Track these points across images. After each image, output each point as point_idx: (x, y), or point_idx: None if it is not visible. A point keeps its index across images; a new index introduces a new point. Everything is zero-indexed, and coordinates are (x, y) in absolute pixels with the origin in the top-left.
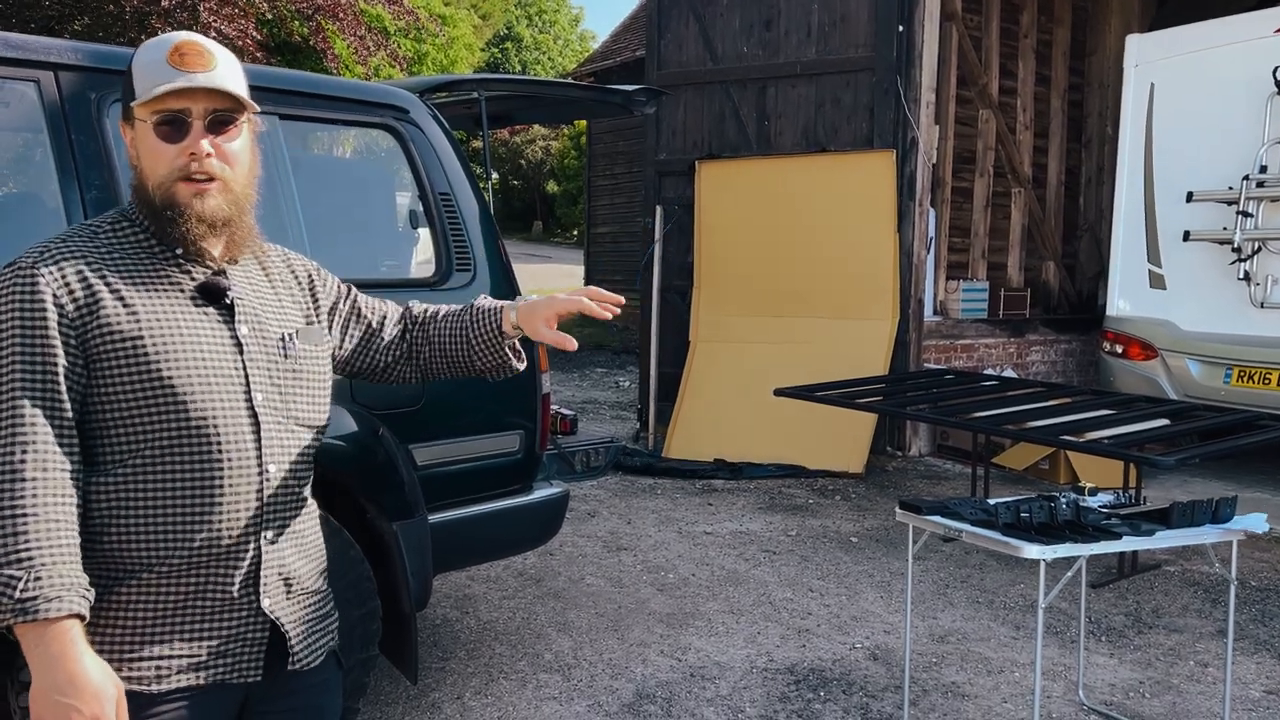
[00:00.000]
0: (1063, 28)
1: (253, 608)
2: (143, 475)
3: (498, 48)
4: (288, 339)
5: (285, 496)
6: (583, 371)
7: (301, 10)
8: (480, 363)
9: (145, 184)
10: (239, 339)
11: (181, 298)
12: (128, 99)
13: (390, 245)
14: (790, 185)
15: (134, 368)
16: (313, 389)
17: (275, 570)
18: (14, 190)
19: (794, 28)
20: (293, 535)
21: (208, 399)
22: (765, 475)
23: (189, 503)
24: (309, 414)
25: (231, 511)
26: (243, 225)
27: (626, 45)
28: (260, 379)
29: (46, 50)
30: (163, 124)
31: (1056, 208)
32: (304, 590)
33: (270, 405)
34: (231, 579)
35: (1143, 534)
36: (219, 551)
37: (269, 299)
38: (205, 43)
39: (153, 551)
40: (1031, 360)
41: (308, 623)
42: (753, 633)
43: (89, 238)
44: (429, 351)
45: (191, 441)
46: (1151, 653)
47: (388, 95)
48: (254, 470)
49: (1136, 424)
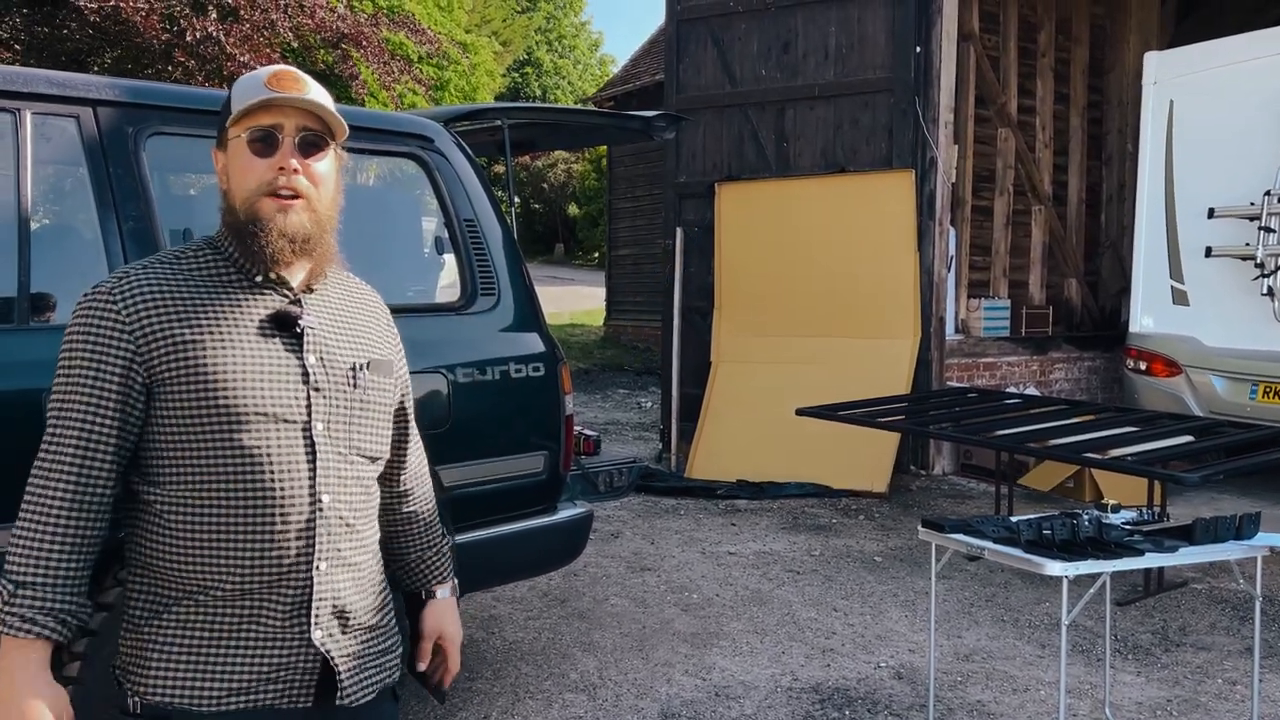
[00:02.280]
0: (1081, 46)
1: (304, 639)
2: (198, 499)
3: (518, 73)
4: (358, 369)
5: (340, 528)
6: (604, 393)
7: (327, 39)
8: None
9: (233, 202)
10: (306, 368)
11: (251, 325)
12: (223, 121)
13: (416, 271)
14: (810, 206)
15: (194, 393)
16: (377, 420)
17: (328, 602)
18: (55, 222)
19: (812, 50)
20: (349, 568)
21: (263, 427)
22: (788, 495)
23: (241, 530)
24: (371, 445)
25: (282, 540)
26: (324, 246)
27: (645, 69)
28: (324, 409)
29: (86, 87)
30: (255, 140)
31: (1078, 225)
32: (360, 625)
33: (332, 435)
34: (282, 608)
35: (1166, 550)
36: (269, 579)
37: (345, 327)
38: (301, 73)
39: (207, 575)
40: (1055, 378)
41: (361, 658)
42: (777, 652)
43: (169, 264)
44: (385, 515)
45: (245, 468)
46: (1179, 671)
47: (414, 125)
48: (307, 500)
49: (1161, 441)
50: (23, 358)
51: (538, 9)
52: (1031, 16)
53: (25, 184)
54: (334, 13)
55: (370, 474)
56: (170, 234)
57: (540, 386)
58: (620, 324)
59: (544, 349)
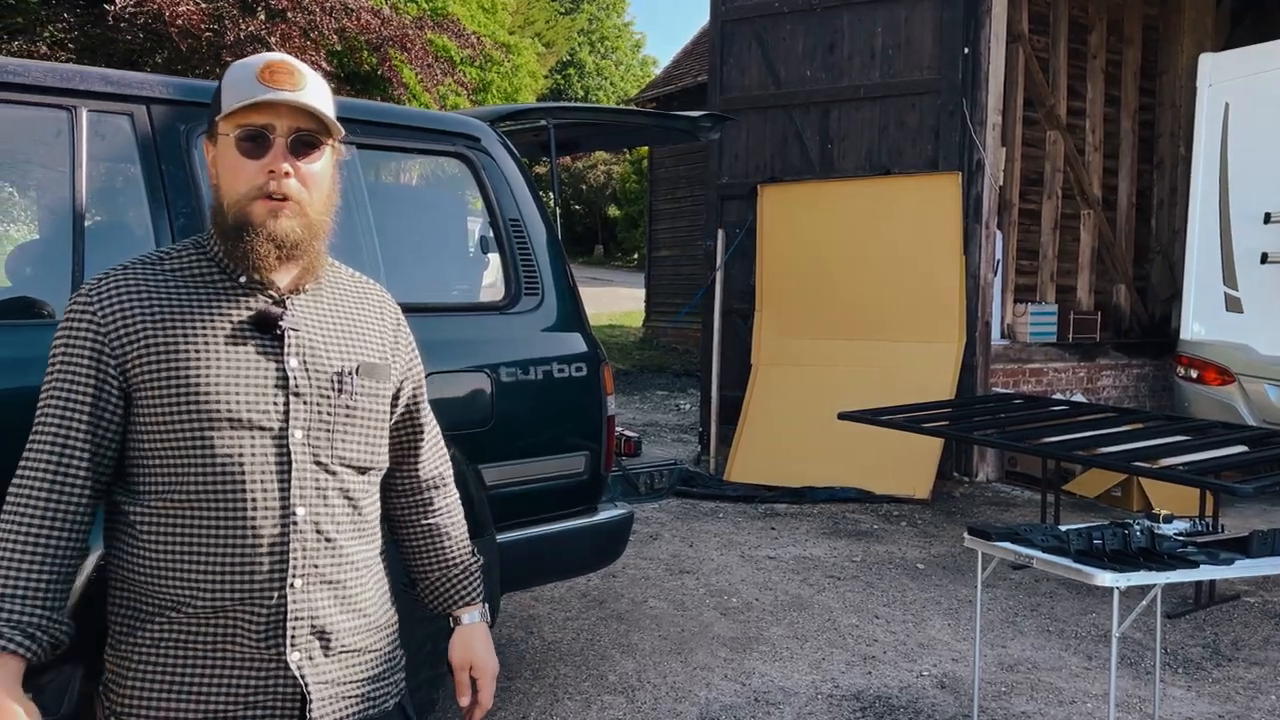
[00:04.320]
0: (1133, 47)
1: (279, 661)
2: (172, 510)
3: (560, 74)
4: (346, 374)
5: (318, 543)
6: (643, 394)
7: (370, 41)
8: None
9: (221, 202)
10: (286, 372)
11: (228, 328)
12: (213, 114)
13: (461, 270)
14: (853, 208)
15: (166, 397)
16: (366, 428)
17: (305, 622)
18: (108, 218)
19: (857, 51)
20: (330, 586)
21: (234, 434)
22: (829, 500)
23: (210, 542)
24: (358, 454)
25: (253, 555)
26: (313, 252)
27: (688, 70)
28: (304, 415)
29: (140, 85)
30: (245, 139)
31: (1128, 230)
32: (345, 648)
33: (311, 444)
34: (255, 628)
35: (1221, 563)
36: (240, 596)
37: (335, 330)
38: (297, 64)
39: (179, 590)
40: (1102, 385)
41: (343, 685)
42: (817, 659)
43: (152, 264)
44: (402, 528)
45: (214, 477)
46: (1231, 686)
47: (461, 124)
48: (278, 512)
49: (1213, 450)
50: None
51: (581, 10)
52: (1082, 17)
53: (80, 181)
54: (378, 15)
55: (358, 486)
56: None
57: (583, 387)
58: (659, 325)
59: (587, 349)
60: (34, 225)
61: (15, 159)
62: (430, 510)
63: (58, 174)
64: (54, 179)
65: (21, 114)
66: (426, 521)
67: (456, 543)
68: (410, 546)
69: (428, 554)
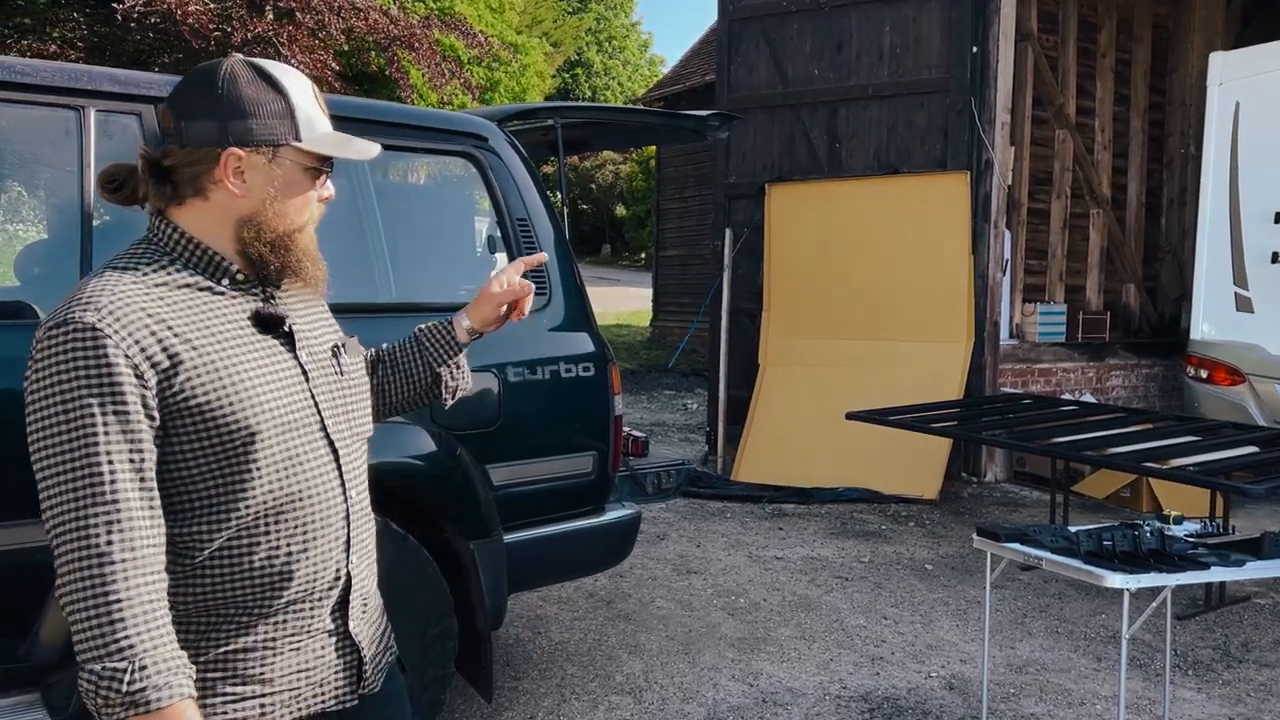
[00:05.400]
0: (1142, 46)
1: (343, 633)
2: (236, 523)
3: (568, 73)
4: (339, 352)
5: (362, 517)
6: (650, 394)
7: (378, 41)
8: (433, 382)
9: (261, 218)
10: (303, 367)
11: (246, 335)
12: (275, 135)
13: (468, 269)
14: (861, 207)
15: (212, 417)
16: (363, 400)
17: (359, 593)
18: (115, 218)
19: (865, 50)
20: (366, 554)
21: (288, 437)
22: (836, 500)
23: (286, 545)
24: (365, 426)
25: (325, 546)
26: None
27: (695, 70)
28: (327, 403)
29: (148, 85)
30: (319, 171)
31: (1137, 229)
32: (374, 608)
33: (339, 428)
34: (326, 609)
35: (1232, 564)
36: (319, 585)
37: (310, 316)
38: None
39: (251, 596)
40: (1112, 385)
41: (375, 642)
42: (825, 659)
43: (138, 282)
44: (393, 384)
45: (282, 483)
46: (1241, 688)
47: (468, 124)
48: (339, 498)
49: (1223, 451)
50: None
51: (588, 10)
52: (1091, 16)
53: (89, 180)
54: (386, 15)
55: (365, 457)
56: None
57: (590, 387)
58: (666, 325)
59: (594, 349)
60: (42, 225)
61: (23, 159)
62: (390, 350)
63: (66, 174)
64: (62, 179)
65: (30, 114)
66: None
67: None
68: (405, 367)
69: (413, 348)
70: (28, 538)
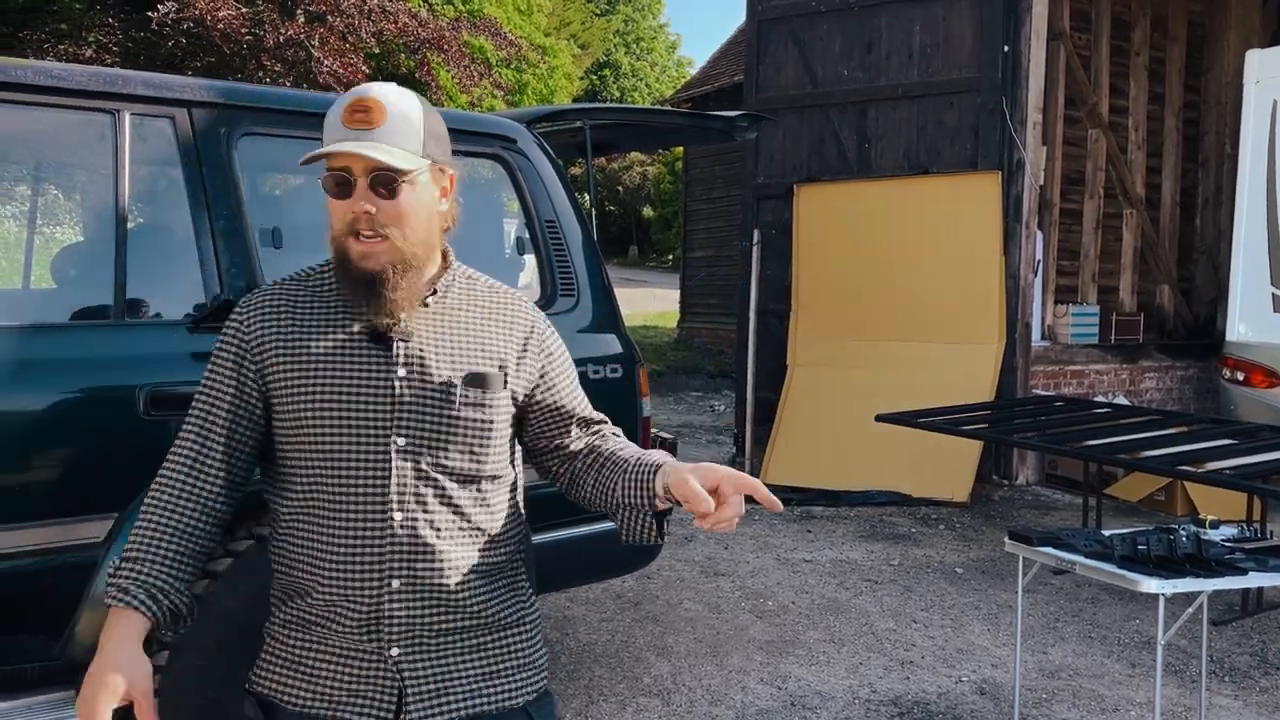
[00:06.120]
0: (1177, 44)
1: (380, 656)
2: (298, 506)
3: (596, 75)
4: (455, 384)
5: (417, 547)
6: (678, 395)
7: (408, 44)
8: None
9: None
10: (393, 382)
11: (348, 339)
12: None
13: (496, 270)
14: (891, 208)
15: (295, 404)
16: (471, 439)
17: (402, 622)
18: (150, 220)
19: (895, 50)
20: (433, 590)
21: (343, 441)
22: (866, 503)
23: (324, 539)
24: (461, 464)
25: (352, 554)
26: (407, 284)
27: (724, 71)
28: (409, 424)
29: (181, 88)
30: (334, 181)
31: (1171, 229)
32: (449, 648)
33: (413, 451)
34: (354, 623)
35: (1270, 570)
36: (344, 592)
37: (450, 341)
38: (382, 98)
39: (304, 580)
40: (1145, 387)
41: (448, 681)
42: (854, 663)
43: (298, 281)
44: (586, 489)
45: (328, 479)
46: (1279, 696)
47: (497, 126)
48: (379, 516)
49: (1260, 454)
50: (120, 353)
51: (616, 11)
52: (1125, 14)
53: (123, 183)
54: (416, 18)
55: (464, 495)
56: (259, 233)
57: (618, 388)
58: (694, 326)
59: (622, 350)
60: (77, 228)
61: (60, 162)
62: (598, 453)
63: (101, 176)
64: (97, 181)
65: (66, 117)
66: (604, 470)
67: (628, 455)
68: (600, 489)
69: (615, 479)
70: (63, 537)
